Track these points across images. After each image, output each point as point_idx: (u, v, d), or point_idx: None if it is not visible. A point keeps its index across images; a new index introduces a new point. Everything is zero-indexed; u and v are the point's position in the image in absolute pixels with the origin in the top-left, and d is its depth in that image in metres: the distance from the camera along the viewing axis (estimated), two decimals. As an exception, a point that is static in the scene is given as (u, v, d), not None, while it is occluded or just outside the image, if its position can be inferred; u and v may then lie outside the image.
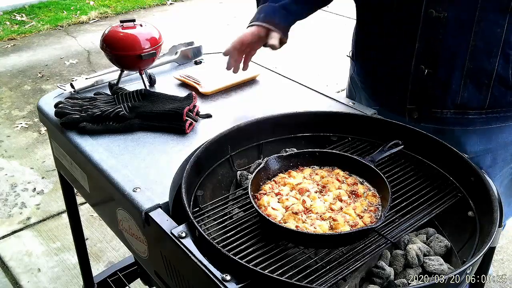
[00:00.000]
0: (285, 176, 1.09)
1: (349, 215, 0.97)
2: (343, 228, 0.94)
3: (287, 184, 1.06)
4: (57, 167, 1.51)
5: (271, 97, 1.51)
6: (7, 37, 5.17)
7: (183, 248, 0.91)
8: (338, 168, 1.11)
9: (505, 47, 1.18)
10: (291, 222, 0.95)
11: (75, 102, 1.36)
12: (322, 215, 0.97)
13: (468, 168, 1.08)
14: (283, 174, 1.09)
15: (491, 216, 0.95)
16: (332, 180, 1.07)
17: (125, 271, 1.91)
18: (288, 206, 0.99)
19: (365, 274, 0.92)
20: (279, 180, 1.07)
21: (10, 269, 2.38)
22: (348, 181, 1.08)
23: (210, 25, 5.47)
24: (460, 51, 1.20)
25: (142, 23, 1.45)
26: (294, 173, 1.09)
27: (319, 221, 0.96)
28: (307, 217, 0.97)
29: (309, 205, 0.99)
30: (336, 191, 1.04)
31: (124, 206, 1.11)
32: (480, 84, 1.23)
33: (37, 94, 4.03)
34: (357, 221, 0.96)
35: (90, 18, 5.70)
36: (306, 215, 0.97)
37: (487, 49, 1.19)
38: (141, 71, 1.47)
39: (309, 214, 0.98)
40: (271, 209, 0.98)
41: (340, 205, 1.00)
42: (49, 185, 2.97)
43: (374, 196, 1.04)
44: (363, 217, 0.97)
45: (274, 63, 1.69)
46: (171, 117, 1.29)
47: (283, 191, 1.04)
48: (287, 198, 1.01)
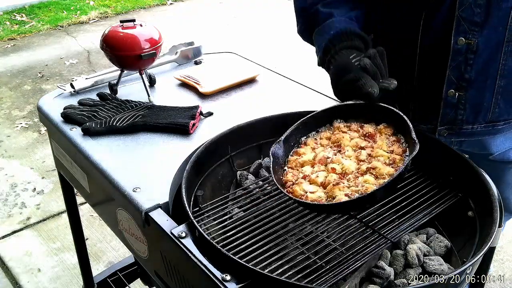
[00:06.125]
0: (295, 157, 1.04)
1: (381, 156, 0.97)
2: (387, 170, 0.94)
3: (304, 163, 1.02)
4: (57, 167, 1.51)
5: (271, 97, 1.51)
6: (7, 37, 5.16)
7: (183, 248, 0.91)
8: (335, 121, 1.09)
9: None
10: (338, 193, 0.91)
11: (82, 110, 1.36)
12: (358, 170, 0.96)
13: (468, 168, 1.08)
14: (291, 157, 1.05)
15: (491, 216, 0.95)
16: (340, 135, 1.04)
17: (125, 271, 1.90)
18: (323, 181, 0.95)
19: (365, 274, 0.92)
20: (293, 165, 1.02)
21: (10, 269, 2.38)
22: (352, 128, 1.06)
23: (210, 25, 5.47)
24: (490, 72, 1.21)
25: (142, 23, 1.45)
26: (301, 150, 1.05)
27: (361, 177, 0.94)
28: (347, 180, 0.94)
29: (340, 170, 0.97)
30: (351, 143, 1.02)
31: (124, 206, 1.11)
32: (510, 98, 1.25)
33: (37, 94, 4.03)
34: (394, 157, 0.97)
35: (90, 18, 5.69)
36: (344, 178, 0.95)
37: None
38: (141, 71, 1.47)
39: (346, 177, 0.96)
40: (310, 194, 0.93)
41: (365, 153, 0.99)
42: (49, 185, 2.97)
43: (385, 127, 1.04)
44: (393, 151, 0.98)
45: (274, 63, 1.69)
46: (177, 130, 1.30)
47: (306, 171, 0.99)
48: (316, 175, 0.97)
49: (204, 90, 1.50)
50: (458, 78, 1.21)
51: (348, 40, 1.12)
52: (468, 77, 1.20)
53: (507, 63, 1.20)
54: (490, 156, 1.36)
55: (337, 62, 1.10)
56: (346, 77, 1.06)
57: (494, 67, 1.20)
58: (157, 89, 1.55)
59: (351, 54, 1.09)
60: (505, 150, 1.35)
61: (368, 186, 0.91)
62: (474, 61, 1.18)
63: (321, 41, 1.16)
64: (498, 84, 1.22)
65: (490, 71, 1.21)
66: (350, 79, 1.05)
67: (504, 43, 1.17)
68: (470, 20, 1.14)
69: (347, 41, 1.12)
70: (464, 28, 1.15)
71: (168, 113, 1.35)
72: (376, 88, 1.04)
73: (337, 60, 1.10)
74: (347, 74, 1.06)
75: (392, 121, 1.05)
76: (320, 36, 1.18)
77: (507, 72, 1.21)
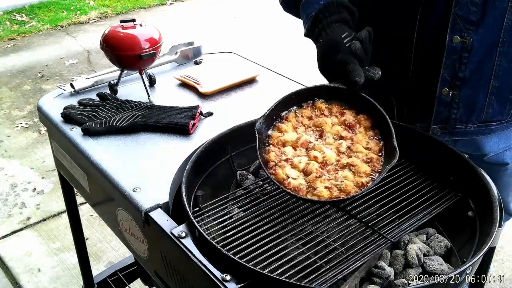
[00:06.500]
0: (278, 134, 1.07)
1: (360, 153, 1.03)
2: (364, 169, 0.99)
3: (286, 143, 1.06)
4: (57, 167, 1.51)
5: (271, 97, 1.50)
6: (7, 37, 5.16)
7: (183, 248, 0.91)
8: (317, 100, 1.12)
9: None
10: (319, 185, 0.97)
11: (82, 110, 1.36)
12: (337, 163, 1.01)
13: (468, 168, 1.08)
14: (272, 131, 1.08)
15: (491, 216, 0.95)
16: (323, 119, 1.08)
17: (125, 271, 1.91)
18: (304, 168, 1.00)
19: (365, 274, 0.92)
20: (275, 141, 1.06)
21: (10, 269, 2.38)
22: (333, 111, 1.10)
23: (210, 25, 5.47)
24: (485, 72, 1.21)
25: (142, 23, 1.45)
26: (283, 126, 1.08)
27: (341, 172, 1.00)
28: (327, 171, 1.00)
29: (321, 158, 1.02)
30: (332, 130, 1.07)
31: (124, 206, 1.11)
32: (504, 99, 1.26)
33: (37, 94, 4.03)
34: (371, 156, 1.02)
35: (90, 18, 5.69)
36: (325, 169, 1.00)
37: (511, 67, 1.20)
38: (141, 71, 1.47)
39: (327, 167, 1.00)
40: (292, 180, 0.98)
41: (346, 145, 1.04)
42: (49, 185, 2.97)
43: (366, 119, 1.08)
44: (371, 148, 1.04)
45: (274, 63, 1.69)
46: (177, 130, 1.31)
47: (288, 153, 1.04)
48: (299, 160, 1.02)
49: (204, 90, 1.50)
50: (452, 77, 1.21)
51: (338, 12, 1.10)
52: (462, 76, 1.20)
53: (502, 64, 1.20)
54: (485, 157, 1.36)
55: (328, 37, 1.08)
56: (335, 57, 1.05)
57: (489, 67, 1.20)
58: (157, 89, 1.55)
59: (343, 32, 1.08)
60: (500, 151, 1.35)
61: (347, 184, 0.97)
62: (469, 60, 1.18)
63: (310, 11, 1.13)
64: (492, 85, 1.22)
65: (484, 70, 1.21)
66: (339, 60, 1.05)
67: (499, 43, 1.17)
68: (465, 18, 1.14)
69: (337, 13, 1.10)
70: (459, 27, 1.15)
71: (168, 113, 1.35)
72: (362, 77, 1.05)
73: (328, 35, 1.08)
74: (336, 54, 1.05)
75: (373, 114, 1.08)
76: (308, 6, 1.15)
77: (501, 73, 1.21)
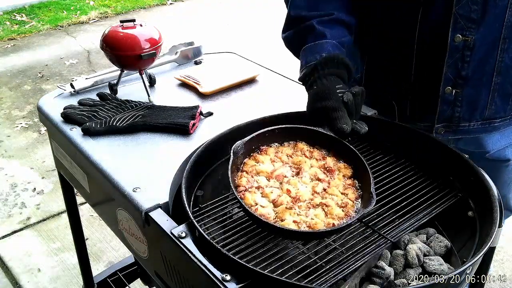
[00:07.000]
0: (253, 163, 1.05)
1: (336, 196, 1.00)
2: (337, 212, 0.96)
3: (260, 172, 1.03)
4: (57, 167, 1.51)
5: (271, 97, 1.51)
6: (7, 37, 5.16)
7: (183, 248, 0.91)
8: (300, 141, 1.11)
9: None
10: (288, 217, 0.93)
11: (82, 110, 1.36)
12: (310, 201, 0.98)
13: (468, 168, 1.08)
14: (248, 160, 1.06)
15: (491, 216, 0.95)
16: (303, 158, 1.07)
17: (125, 271, 1.91)
18: (275, 199, 0.97)
19: (365, 274, 0.92)
20: (249, 169, 1.04)
21: (10, 269, 2.38)
22: (315, 156, 1.08)
23: (210, 25, 5.47)
24: (487, 69, 1.22)
25: (142, 23, 1.45)
26: (260, 157, 1.07)
27: (313, 210, 0.96)
28: (298, 207, 0.96)
29: (294, 194, 0.99)
30: (311, 170, 1.05)
31: (124, 206, 1.11)
32: (506, 95, 1.27)
33: (37, 94, 4.03)
34: (346, 201, 0.99)
35: (90, 18, 5.69)
36: (296, 204, 0.97)
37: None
38: (141, 71, 1.47)
39: (298, 203, 0.97)
40: (260, 207, 0.95)
41: (322, 186, 1.01)
42: (49, 185, 2.97)
43: (346, 168, 1.06)
44: (347, 194, 1.00)
45: (274, 63, 1.69)
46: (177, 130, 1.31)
47: (261, 182, 1.01)
48: (271, 191, 0.99)
49: (204, 90, 1.50)
50: (455, 75, 1.22)
51: (336, 67, 1.13)
52: (464, 74, 1.21)
53: (504, 60, 1.20)
54: (486, 154, 1.36)
55: (322, 85, 1.11)
56: (326, 102, 1.08)
57: (491, 64, 1.21)
58: (157, 89, 1.55)
59: (338, 83, 1.11)
60: (502, 148, 1.36)
61: (317, 222, 0.93)
62: (471, 58, 1.19)
63: (310, 59, 1.16)
64: (495, 81, 1.23)
65: (486, 68, 1.21)
66: (329, 106, 1.07)
67: (500, 40, 1.17)
68: (467, 17, 1.15)
69: (335, 68, 1.13)
70: (461, 25, 1.16)
71: (168, 113, 1.35)
72: (350, 126, 1.06)
73: (323, 83, 1.11)
74: (327, 100, 1.08)
75: (353, 163, 1.07)
76: (310, 53, 1.18)
77: (503, 70, 1.22)
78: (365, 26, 1.29)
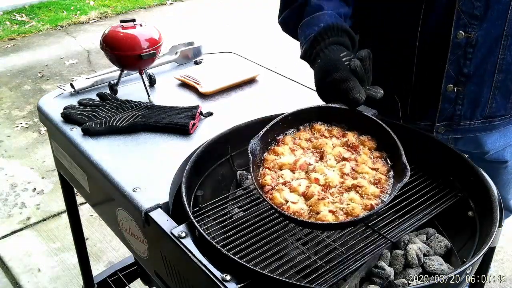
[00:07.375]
0: (273, 157, 1.00)
1: (367, 173, 0.95)
2: (372, 190, 0.91)
3: (283, 166, 0.98)
4: (57, 167, 1.51)
5: (271, 97, 1.51)
6: (7, 37, 5.16)
7: (183, 248, 0.90)
8: (315, 122, 1.06)
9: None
10: (322, 208, 0.88)
11: (82, 110, 1.36)
12: (342, 185, 0.93)
13: (468, 168, 1.08)
14: (268, 155, 1.01)
15: (491, 216, 0.95)
16: (323, 140, 1.01)
17: (125, 271, 1.91)
18: (305, 192, 0.92)
19: (365, 274, 0.92)
20: (270, 165, 0.99)
21: (10, 269, 2.38)
22: (334, 133, 1.03)
23: (210, 25, 5.47)
24: (489, 67, 1.21)
25: (142, 23, 1.45)
26: (279, 149, 1.01)
27: (346, 194, 0.91)
28: (330, 194, 0.91)
29: (323, 181, 0.93)
30: (334, 151, 0.99)
31: (124, 206, 1.11)
32: (507, 93, 1.26)
33: (37, 94, 4.03)
34: (379, 176, 0.94)
35: (90, 18, 5.69)
36: (327, 192, 0.92)
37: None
38: (141, 71, 1.47)
39: (330, 190, 0.92)
40: (292, 204, 0.90)
41: (350, 166, 0.96)
42: (49, 185, 2.97)
43: (369, 140, 1.01)
44: (378, 169, 0.96)
45: (274, 63, 1.69)
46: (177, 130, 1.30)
47: (286, 176, 0.96)
48: (298, 183, 0.93)
49: (204, 90, 1.50)
50: (457, 73, 1.21)
51: (337, 35, 1.07)
52: (467, 71, 1.21)
53: (506, 58, 1.20)
54: (485, 155, 1.36)
55: (326, 56, 1.05)
56: (334, 75, 1.01)
57: (492, 61, 1.20)
58: (157, 89, 1.55)
59: (342, 51, 1.05)
60: (500, 149, 1.36)
61: (354, 206, 0.88)
62: (473, 55, 1.19)
63: (308, 33, 1.11)
64: (496, 79, 1.23)
65: (488, 65, 1.21)
66: (338, 78, 1.01)
67: (502, 37, 1.17)
68: (470, 13, 1.14)
69: (336, 36, 1.07)
70: (464, 22, 1.15)
71: (168, 113, 1.35)
72: (364, 95, 1.01)
73: (326, 55, 1.05)
74: (335, 73, 1.02)
75: (376, 135, 1.01)
76: (307, 27, 1.13)
77: (505, 67, 1.22)
78: (365, 28, 1.29)
